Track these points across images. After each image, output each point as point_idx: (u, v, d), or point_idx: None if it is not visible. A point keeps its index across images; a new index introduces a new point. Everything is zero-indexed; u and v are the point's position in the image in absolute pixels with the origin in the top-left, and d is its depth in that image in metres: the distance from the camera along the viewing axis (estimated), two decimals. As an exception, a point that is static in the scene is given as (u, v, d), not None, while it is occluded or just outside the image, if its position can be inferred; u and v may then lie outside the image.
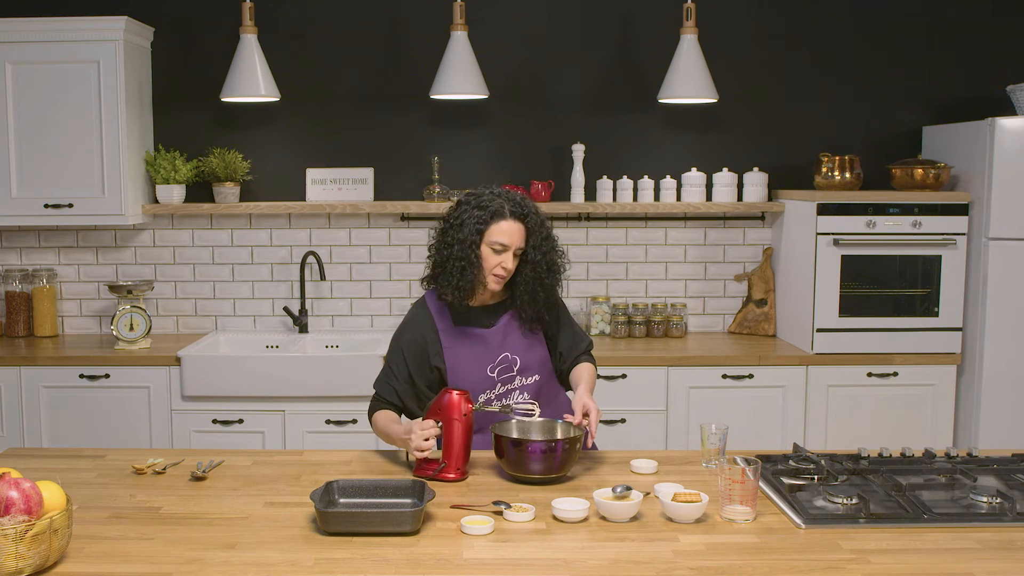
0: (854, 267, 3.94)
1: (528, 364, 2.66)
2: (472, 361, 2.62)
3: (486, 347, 2.63)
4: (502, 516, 2.12)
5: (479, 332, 2.64)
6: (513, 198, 2.59)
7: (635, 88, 4.33)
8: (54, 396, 3.87)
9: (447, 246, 2.59)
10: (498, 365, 2.63)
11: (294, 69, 4.28)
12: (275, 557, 1.91)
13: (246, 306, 4.41)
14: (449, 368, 2.63)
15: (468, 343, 2.63)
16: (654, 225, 4.39)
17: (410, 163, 4.35)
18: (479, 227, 2.54)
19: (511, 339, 2.66)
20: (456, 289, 2.57)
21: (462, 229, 2.56)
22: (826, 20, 4.33)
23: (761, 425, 3.91)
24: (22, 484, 1.81)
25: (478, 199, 2.59)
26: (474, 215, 2.56)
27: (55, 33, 3.92)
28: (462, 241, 2.55)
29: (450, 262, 2.56)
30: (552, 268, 2.62)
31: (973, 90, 4.36)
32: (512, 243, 2.54)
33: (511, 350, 2.65)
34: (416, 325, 2.67)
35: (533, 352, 2.68)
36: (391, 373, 2.68)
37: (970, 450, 2.54)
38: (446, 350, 2.63)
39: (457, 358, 2.62)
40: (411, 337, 2.66)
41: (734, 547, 1.97)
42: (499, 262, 2.55)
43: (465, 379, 2.61)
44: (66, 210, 4.01)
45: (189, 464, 2.51)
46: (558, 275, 2.65)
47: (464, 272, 2.54)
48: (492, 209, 2.55)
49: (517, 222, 2.55)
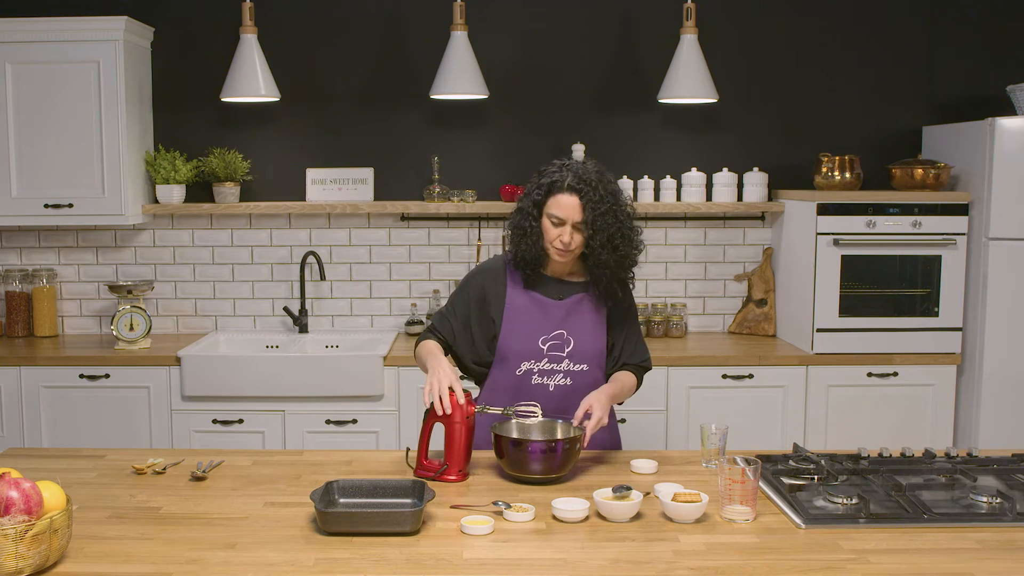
0: (854, 267, 3.94)
1: (582, 351, 2.62)
2: (528, 326, 2.61)
3: (546, 317, 2.62)
4: (502, 516, 2.12)
5: (544, 301, 2.63)
6: (577, 170, 2.54)
7: (635, 88, 4.33)
8: (54, 396, 3.87)
9: (515, 214, 2.62)
10: (551, 339, 2.61)
11: (294, 69, 4.28)
12: (275, 557, 1.91)
13: (246, 306, 4.41)
14: (504, 325, 2.62)
15: (530, 307, 2.62)
16: (654, 225, 4.39)
17: (410, 163, 4.35)
18: (537, 198, 2.56)
19: (574, 319, 2.63)
20: (518, 256, 2.61)
21: (525, 199, 2.60)
22: (826, 20, 4.33)
23: (761, 425, 3.91)
24: (22, 484, 1.81)
25: (546, 169, 2.60)
26: (536, 186, 2.58)
27: (55, 33, 3.92)
28: (523, 211, 2.59)
29: (514, 230, 2.61)
30: (611, 245, 2.53)
31: (973, 90, 4.36)
32: (568, 217, 2.51)
33: (569, 329, 2.62)
34: (490, 272, 2.70)
35: (591, 340, 2.63)
36: (452, 311, 2.69)
37: (970, 450, 2.54)
38: (507, 307, 2.63)
39: (514, 318, 2.62)
40: (480, 281, 2.69)
41: (734, 547, 1.97)
42: (558, 235, 2.53)
43: (515, 341, 2.61)
44: (66, 210, 4.01)
45: (189, 464, 2.51)
46: (623, 252, 2.56)
47: (521, 242, 2.57)
48: (552, 180, 2.54)
49: (573, 196, 2.51)
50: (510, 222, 2.64)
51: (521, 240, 2.58)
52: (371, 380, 3.82)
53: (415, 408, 3.84)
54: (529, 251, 2.57)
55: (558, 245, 2.55)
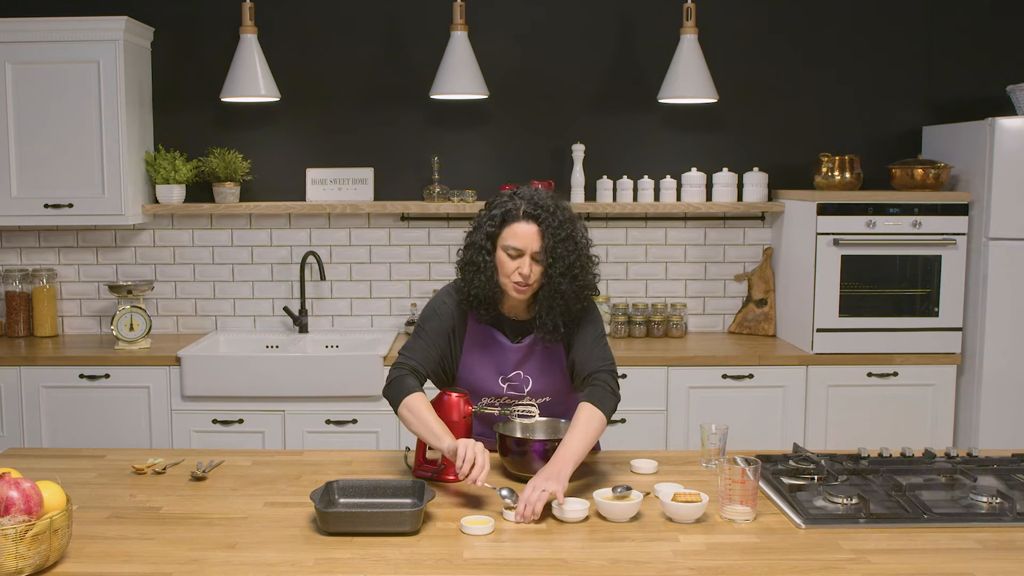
0: (854, 267, 3.94)
1: (541, 388, 2.52)
2: (487, 367, 2.52)
3: (504, 358, 2.50)
4: (502, 516, 2.12)
5: (502, 342, 2.50)
6: (532, 197, 2.39)
7: (635, 88, 4.33)
8: (54, 396, 3.87)
9: (465, 249, 2.46)
10: (510, 379, 2.52)
11: (294, 69, 4.28)
12: (275, 557, 1.91)
13: (246, 306, 4.41)
14: (462, 362, 2.52)
15: (487, 347, 2.51)
16: (654, 225, 4.39)
17: (410, 163, 4.35)
18: (491, 230, 2.39)
19: (532, 361, 2.51)
20: (471, 296, 2.44)
21: (476, 232, 2.43)
22: (826, 20, 4.33)
23: (761, 425, 3.91)
24: (22, 484, 1.81)
25: (496, 200, 2.43)
26: (487, 217, 2.41)
27: (55, 33, 3.92)
28: (475, 245, 2.42)
29: (465, 267, 2.44)
30: (571, 275, 2.38)
31: (973, 90, 4.36)
32: (526, 246, 2.35)
33: (526, 370, 2.51)
34: (452, 300, 2.51)
35: (550, 377, 2.52)
36: (425, 337, 2.49)
37: (970, 450, 2.54)
38: (467, 343, 2.51)
39: (472, 357, 2.52)
40: (447, 310, 2.50)
41: (734, 547, 1.97)
42: (516, 267, 2.37)
43: (475, 378, 2.52)
44: (66, 210, 4.01)
45: (189, 464, 2.51)
46: (581, 283, 2.40)
47: (474, 279, 2.41)
48: (505, 210, 2.38)
49: (531, 223, 2.36)
50: (460, 258, 2.46)
51: (474, 277, 2.40)
52: (371, 380, 3.82)
53: (415, 408, 3.83)
54: (483, 288, 2.40)
55: (516, 279, 2.37)
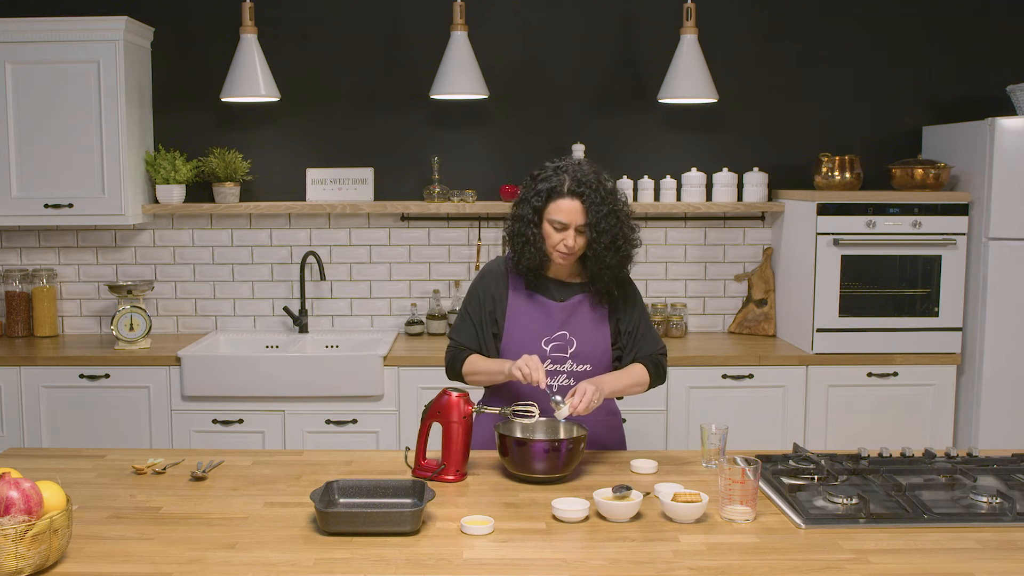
0: (854, 267, 3.94)
1: (584, 351, 2.62)
2: (529, 328, 2.61)
3: (548, 319, 2.61)
4: (501, 517, 2.12)
5: (546, 302, 2.62)
6: (575, 173, 2.52)
7: (635, 88, 4.33)
8: (54, 396, 3.87)
9: (513, 220, 2.60)
10: (554, 340, 2.60)
11: (294, 69, 4.28)
12: (275, 557, 1.91)
13: (246, 306, 4.41)
14: (506, 328, 2.63)
15: (532, 309, 2.62)
16: (654, 225, 4.39)
17: (410, 163, 4.35)
18: (536, 204, 2.53)
19: (576, 320, 2.62)
20: (521, 264, 2.59)
21: (524, 205, 2.57)
22: (826, 20, 4.33)
23: (761, 425, 3.91)
24: (22, 484, 1.81)
25: (541, 173, 2.56)
26: (533, 191, 2.54)
27: (55, 33, 3.92)
28: (522, 218, 2.56)
29: (515, 238, 2.59)
30: (615, 247, 2.53)
31: (973, 90, 4.36)
32: (571, 221, 2.50)
33: (571, 330, 2.61)
34: (492, 276, 2.69)
35: (594, 341, 2.62)
36: (468, 319, 2.68)
37: (970, 450, 2.54)
38: (510, 309, 2.63)
39: (516, 321, 2.62)
40: (486, 284, 2.68)
41: (734, 547, 1.97)
42: (561, 239, 2.52)
43: (518, 344, 2.61)
44: (66, 210, 4.01)
45: (189, 464, 2.51)
46: (623, 254, 2.57)
47: (524, 250, 2.55)
48: (551, 186, 2.52)
49: (575, 200, 2.50)
50: (509, 229, 2.62)
51: (524, 248, 2.56)
52: (371, 380, 3.82)
53: (415, 408, 3.84)
54: (533, 258, 2.56)
55: (562, 249, 2.53)
